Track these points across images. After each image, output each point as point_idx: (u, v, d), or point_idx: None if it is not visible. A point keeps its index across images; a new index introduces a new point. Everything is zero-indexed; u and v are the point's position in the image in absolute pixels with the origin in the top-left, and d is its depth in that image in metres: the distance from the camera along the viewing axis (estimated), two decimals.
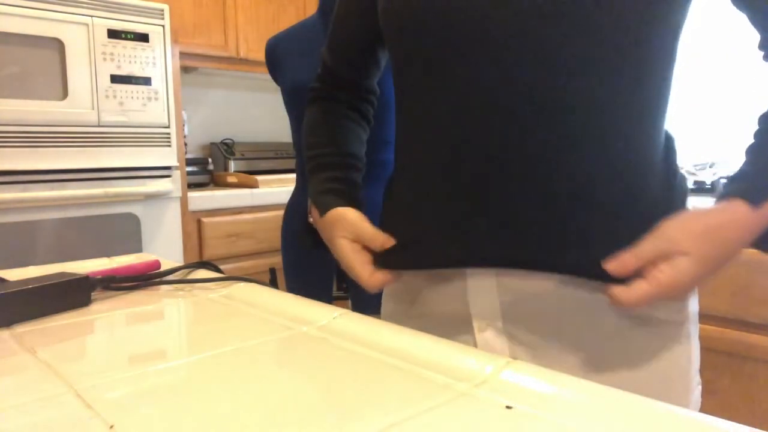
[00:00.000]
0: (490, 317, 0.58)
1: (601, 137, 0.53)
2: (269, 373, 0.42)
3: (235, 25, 2.44)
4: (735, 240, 0.51)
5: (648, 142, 0.56)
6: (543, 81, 0.52)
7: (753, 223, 0.51)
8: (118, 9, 1.79)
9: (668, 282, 0.50)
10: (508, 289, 0.57)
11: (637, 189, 0.55)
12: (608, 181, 0.54)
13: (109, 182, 1.79)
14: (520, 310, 0.57)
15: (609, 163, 0.54)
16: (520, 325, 0.58)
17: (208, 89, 2.76)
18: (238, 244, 2.18)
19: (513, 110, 0.53)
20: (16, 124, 1.62)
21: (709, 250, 0.50)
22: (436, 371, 0.42)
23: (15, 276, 0.67)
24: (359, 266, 0.62)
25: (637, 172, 0.55)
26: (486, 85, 0.54)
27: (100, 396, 0.38)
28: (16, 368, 0.44)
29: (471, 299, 0.59)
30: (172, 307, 0.63)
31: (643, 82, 0.54)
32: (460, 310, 0.60)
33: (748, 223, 0.51)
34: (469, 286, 0.59)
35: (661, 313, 0.56)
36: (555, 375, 0.41)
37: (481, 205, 0.55)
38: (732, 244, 0.51)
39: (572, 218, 0.54)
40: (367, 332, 0.51)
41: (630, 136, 0.55)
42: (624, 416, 0.35)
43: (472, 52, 0.54)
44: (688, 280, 0.50)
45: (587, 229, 0.54)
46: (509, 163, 0.54)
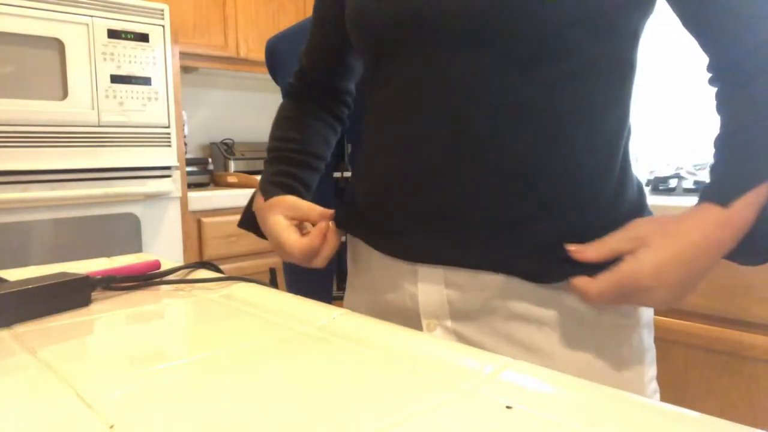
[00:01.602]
0: (439, 316, 0.59)
1: (555, 140, 0.54)
2: (269, 373, 0.42)
3: (235, 25, 2.43)
4: (705, 244, 0.50)
5: (602, 148, 0.56)
6: (498, 80, 0.53)
7: (724, 223, 0.50)
8: (118, 9, 1.79)
9: (628, 270, 0.49)
10: (455, 287, 0.58)
11: (588, 196, 0.55)
12: (558, 184, 0.54)
13: (109, 182, 1.79)
14: (467, 309, 0.58)
15: (560, 167, 0.54)
16: (468, 323, 0.58)
17: (208, 89, 2.76)
18: (238, 244, 2.18)
19: (466, 110, 0.54)
20: (16, 124, 1.62)
21: (675, 249, 0.49)
22: (436, 371, 0.42)
23: (15, 276, 0.67)
24: (286, 235, 0.64)
25: (588, 177, 0.55)
26: (440, 84, 0.55)
27: (100, 396, 0.38)
28: (16, 368, 0.44)
29: (420, 298, 0.59)
30: (172, 307, 0.63)
31: (595, 85, 0.55)
32: (411, 307, 0.60)
33: (718, 224, 0.50)
34: (419, 284, 0.59)
35: (609, 316, 0.56)
36: (555, 375, 0.41)
37: (430, 204, 0.56)
38: (702, 248, 0.50)
39: (521, 221, 0.54)
40: (367, 332, 0.51)
41: (582, 140, 0.55)
42: (624, 416, 0.35)
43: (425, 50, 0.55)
44: (647, 269, 0.49)
45: (536, 232, 0.54)
46: (458, 164, 0.55)
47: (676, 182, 1.64)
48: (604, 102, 0.56)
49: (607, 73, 0.55)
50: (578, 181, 0.55)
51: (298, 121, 0.76)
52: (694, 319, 1.34)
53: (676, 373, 1.37)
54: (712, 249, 0.50)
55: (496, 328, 0.57)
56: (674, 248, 0.50)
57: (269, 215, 0.67)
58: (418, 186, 0.57)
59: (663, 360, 1.39)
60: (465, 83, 0.54)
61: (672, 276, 0.49)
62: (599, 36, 0.53)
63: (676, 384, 1.38)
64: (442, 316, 0.59)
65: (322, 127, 0.77)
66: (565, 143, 0.54)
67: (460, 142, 0.55)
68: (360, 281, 0.70)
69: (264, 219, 0.68)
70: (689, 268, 0.50)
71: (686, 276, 0.50)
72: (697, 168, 1.70)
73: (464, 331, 0.58)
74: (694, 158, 1.84)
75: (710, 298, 1.31)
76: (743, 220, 0.50)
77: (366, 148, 0.65)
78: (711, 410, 1.28)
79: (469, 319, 0.58)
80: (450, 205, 0.56)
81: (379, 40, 0.59)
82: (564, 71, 0.53)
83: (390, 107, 0.60)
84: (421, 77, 0.56)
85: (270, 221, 0.66)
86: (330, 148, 0.78)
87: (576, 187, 0.55)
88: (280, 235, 0.65)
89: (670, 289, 0.49)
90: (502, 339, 0.57)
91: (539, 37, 0.52)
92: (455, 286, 0.58)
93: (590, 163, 0.55)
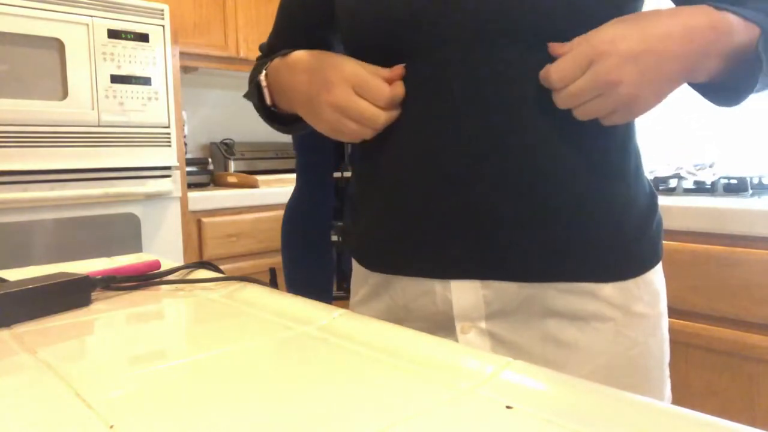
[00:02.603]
0: (474, 319, 0.58)
1: (572, 136, 0.54)
2: (269, 373, 0.42)
3: (235, 25, 2.43)
4: (678, 30, 0.47)
5: (622, 155, 0.58)
6: (519, 77, 0.53)
7: (709, 24, 0.47)
8: (118, 9, 1.79)
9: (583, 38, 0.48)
10: (491, 291, 0.57)
11: (611, 198, 0.56)
12: (580, 194, 0.55)
13: (109, 182, 1.79)
14: (504, 308, 0.58)
15: (583, 176, 0.55)
16: (503, 324, 0.58)
17: (208, 89, 2.76)
18: (238, 244, 2.17)
19: (485, 118, 0.54)
20: (16, 124, 1.62)
21: (642, 23, 0.47)
22: (437, 371, 0.42)
23: (15, 276, 0.67)
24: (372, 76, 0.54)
25: (605, 176, 0.56)
26: (468, 83, 0.54)
27: (100, 396, 0.38)
28: (16, 368, 0.44)
29: (455, 301, 0.58)
30: (172, 307, 0.63)
31: None
32: (442, 310, 0.59)
33: (704, 23, 0.47)
34: (453, 289, 0.58)
35: (637, 307, 0.58)
36: (555, 375, 0.41)
37: (459, 223, 0.56)
38: (675, 33, 0.47)
39: (551, 233, 0.55)
40: (367, 332, 0.51)
41: (597, 138, 0.55)
42: (624, 416, 0.35)
43: (438, 53, 0.54)
44: (604, 35, 0.47)
45: (568, 241, 0.55)
46: (487, 175, 0.54)
47: (676, 182, 1.64)
48: None
49: None
50: (596, 180, 0.56)
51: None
52: (694, 319, 1.34)
53: (676, 373, 1.37)
54: (684, 39, 0.47)
55: (532, 326, 0.57)
56: (642, 22, 0.48)
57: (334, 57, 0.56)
58: (446, 190, 0.56)
59: None
60: (492, 82, 0.53)
61: (632, 44, 0.46)
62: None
63: (676, 384, 1.37)
64: (477, 318, 0.58)
65: None
66: (581, 139, 0.55)
67: (486, 143, 0.54)
68: (372, 290, 0.67)
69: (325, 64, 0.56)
70: (651, 45, 0.46)
71: (648, 54, 0.47)
72: (697, 168, 1.70)
73: (499, 330, 0.58)
74: (694, 158, 1.84)
75: (710, 298, 1.31)
76: (728, 34, 0.48)
77: (377, 161, 0.62)
78: (711, 410, 1.28)
79: (505, 319, 0.58)
80: (482, 207, 0.55)
81: (398, 39, 0.56)
82: None
83: (411, 111, 0.57)
84: (447, 77, 0.54)
85: (341, 60, 0.55)
86: None
87: (595, 186, 0.55)
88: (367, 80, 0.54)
89: (632, 62, 0.46)
90: (536, 336, 0.57)
91: (559, 30, 0.51)
92: (492, 288, 0.57)
93: (605, 161, 0.56)
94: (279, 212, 2.27)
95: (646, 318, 0.58)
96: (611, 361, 0.57)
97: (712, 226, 1.31)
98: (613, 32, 0.47)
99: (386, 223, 0.62)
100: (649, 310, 0.59)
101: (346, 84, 0.54)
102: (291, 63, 0.61)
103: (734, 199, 1.43)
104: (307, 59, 0.58)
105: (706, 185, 1.58)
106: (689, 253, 1.33)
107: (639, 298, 0.58)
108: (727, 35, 0.48)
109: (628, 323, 0.57)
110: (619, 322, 0.57)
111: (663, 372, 0.62)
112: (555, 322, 0.57)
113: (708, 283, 1.31)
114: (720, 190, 1.53)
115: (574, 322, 0.57)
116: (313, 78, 0.56)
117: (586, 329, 0.57)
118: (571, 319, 0.57)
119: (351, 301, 0.72)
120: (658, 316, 0.60)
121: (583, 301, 0.56)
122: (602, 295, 0.56)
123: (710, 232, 1.31)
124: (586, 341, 0.57)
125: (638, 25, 0.48)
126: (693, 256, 1.32)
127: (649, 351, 0.59)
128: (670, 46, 0.47)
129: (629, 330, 0.57)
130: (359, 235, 0.67)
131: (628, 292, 0.57)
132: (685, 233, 1.35)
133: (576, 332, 0.57)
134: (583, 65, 0.48)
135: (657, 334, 0.60)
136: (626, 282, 0.57)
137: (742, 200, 1.40)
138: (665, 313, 0.62)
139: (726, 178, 1.55)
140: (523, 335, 0.58)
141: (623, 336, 0.57)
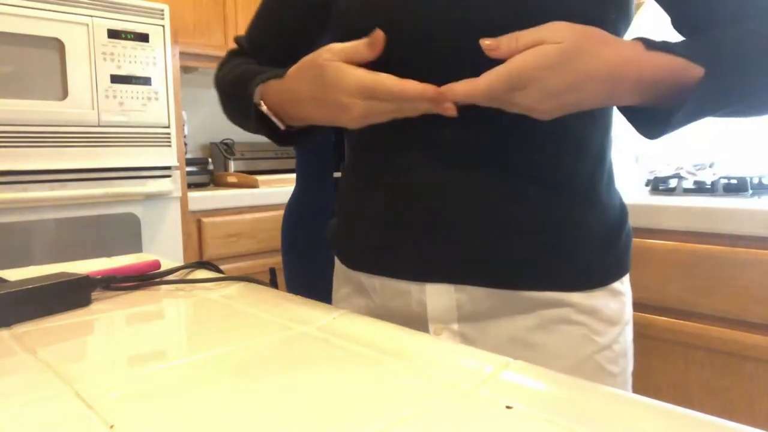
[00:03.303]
0: (447, 321, 0.60)
1: (549, 158, 0.57)
2: (269, 373, 0.42)
3: (235, 25, 2.43)
4: (606, 60, 0.48)
5: (596, 170, 0.60)
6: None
7: (637, 58, 0.49)
8: (118, 9, 1.79)
9: (521, 60, 0.47)
10: (464, 295, 0.59)
11: (581, 212, 0.58)
12: (552, 210, 0.57)
13: (109, 182, 1.79)
14: (476, 312, 0.60)
15: (555, 193, 0.57)
16: (474, 326, 0.60)
17: (208, 89, 2.75)
18: (238, 244, 2.17)
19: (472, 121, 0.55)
20: (16, 124, 1.62)
21: (582, 47, 0.47)
22: (436, 371, 0.42)
23: (15, 276, 0.67)
24: (349, 74, 0.52)
25: (577, 188, 0.58)
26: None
27: (100, 396, 0.38)
28: (16, 368, 0.44)
29: (429, 304, 0.60)
30: (172, 307, 0.63)
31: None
32: (417, 312, 0.61)
33: (631, 58, 0.49)
34: (428, 293, 0.60)
35: (605, 315, 0.60)
36: (555, 375, 0.41)
37: (436, 227, 0.58)
38: (603, 64, 0.48)
39: (522, 245, 0.57)
40: (367, 332, 0.51)
41: (573, 151, 0.58)
42: (624, 416, 0.35)
43: (429, 64, 0.55)
44: (540, 62, 0.46)
45: (538, 253, 0.57)
46: (464, 185, 0.56)
47: (676, 182, 1.64)
48: (590, 115, 0.58)
49: None
50: (569, 196, 0.58)
51: (248, 63, 0.72)
52: (694, 319, 1.34)
53: (676, 373, 1.37)
54: (607, 79, 0.48)
55: (501, 329, 0.59)
56: (578, 54, 0.47)
57: (328, 71, 0.53)
58: (425, 198, 0.58)
59: (663, 360, 1.39)
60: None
61: (561, 80, 0.47)
62: None
63: (676, 384, 1.38)
64: (450, 320, 0.60)
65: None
66: (557, 154, 0.57)
67: (461, 155, 0.56)
68: (353, 288, 0.69)
69: (310, 72, 0.56)
70: (578, 83, 0.48)
71: (572, 94, 0.48)
72: (697, 168, 1.70)
73: (470, 332, 0.60)
74: (694, 158, 1.84)
75: (710, 298, 1.31)
76: (652, 71, 0.49)
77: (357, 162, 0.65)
78: (711, 410, 1.28)
79: (476, 322, 0.60)
80: (458, 216, 0.57)
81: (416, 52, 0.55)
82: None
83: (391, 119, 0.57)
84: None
85: (337, 75, 0.53)
86: None
87: (568, 198, 0.58)
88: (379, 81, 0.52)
89: (554, 98, 0.48)
90: (504, 338, 0.59)
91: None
92: (465, 292, 0.59)
93: (579, 177, 0.58)
94: (279, 212, 2.27)
95: (612, 325, 0.60)
96: (578, 364, 0.58)
97: (712, 226, 1.31)
98: (548, 61, 0.46)
99: (367, 226, 0.64)
100: (615, 318, 0.61)
101: (359, 99, 0.53)
102: (290, 93, 0.59)
103: (734, 199, 1.43)
104: (306, 87, 0.56)
105: (706, 185, 1.58)
106: (689, 253, 1.33)
107: (606, 305, 0.60)
108: (646, 78, 0.49)
109: (595, 328, 0.59)
110: (586, 326, 0.59)
111: (627, 380, 0.63)
112: (524, 325, 0.59)
113: (708, 283, 1.31)
114: (720, 190, 1.53)
115: (543, 326, 0.59)
116: (323, 105, 0.55)
117: (554, 332, 0.58)
118: (540, 322, 0.59)
119: (333, 297, 0.73)
120: (624, 324, 0.62)
121: (552, 307, 0.58)
122: (570, 301, 0.58)
123: (710, 232, 1.31)
124: (553, 343, 0.58)
125: (575, 55, 0.47)
126: (693, 256, 1.32)
127: (615, 356, 0.60)
128: (595, 86, 0.48)
129: (596, 335, 0.59)
130: (342, 233, 0.69)
131: (595, 299, 0.59)
132: (685, 233, 1.35)
133: (544, 335, 0.59)
134: (508, 86, 0.48)
135: (622, 341, 0.62)
136: (594, 291, 0.59)
137: (742, 200, 1.40)
138: (630, 322, 0.64)
139: (726, 178, 1.55)
140: (492, 337, 0.59)
141: (590, 340, 0.59)
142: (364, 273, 0.65)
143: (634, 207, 1.41)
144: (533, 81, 0.47)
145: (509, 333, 0.59)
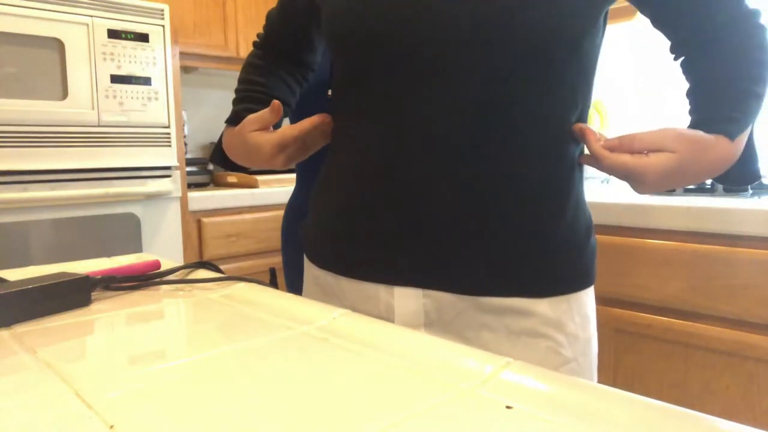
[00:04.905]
0: (414, 325, 0.61)
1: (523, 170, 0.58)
2: (269, 373, 0.42)
3: (235, 25, 2.43)
4: (708, 169, 0.60)
5: (567, 182, 0.61)
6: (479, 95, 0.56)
7: (729, 157, 0.60)
8: (118, 9, 1.79)
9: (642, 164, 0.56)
10: (431, 300, 0.60)
11: (552, 222, 0.60)
12: (522, 221, 0.59)
13: (109, 182, 1.79)
14: (441, 320, 0.60)
15: (527, 203, 0.58)
16: (441, 333, 0.60)
17: (208, 89, 2.76)
18: (238, 244, 2.17)
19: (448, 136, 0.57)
20: (16, 124, 1.62)
21: (692, 157, 0.57)
22: (436, 371, 0.42)
23: (15, 276, 0.67)
24: (263, 141, 0.67)
25: (555, 210, 0.60)
26: (419, 107, 0.57)
27: (100, 396, 0.38)
28: (16, 368, 0.44)
29: (397, 308, 0.61)
30: (172, 307, 0.63)
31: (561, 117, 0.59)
32: (385, 316, 0.62)
33: (727, 157, 0.60)
34: (396, 296, 0.61)
35: (570, 328, 0.61)
36: (555, 375, 0.41)
37: (407, 232, 0.59)
38: (704, 172, 0.60)
39: (489, 252, 0.58)
40: (367, 332, 0.51)
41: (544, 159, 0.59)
42: (624, 416, 0.35)
43: (411, 73, 0.57)
44: (657, 171, 0.56)
45: (504, 260, 0.58)
46: (436, 191, 0.58)
47: None
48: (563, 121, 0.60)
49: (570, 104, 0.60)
50: (539, 207, 0.59)
51: (265, 68, 0.81)
52: (694, 319, 1.34)
53: (676, 373, 1.37)
54: (708, 173, 0.61)
55: (468, 337, 0.60)
56: (691, 163, 0.57)
57: (242, 135, 0.69)
58: (398, 203, 0.59)
59: (663, 360, 1.39)
60: (442, 106, 0.56)
61: (668, 182, 0.58)
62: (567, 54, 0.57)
63: (676, 384, 1.38)
64: (417, 325, 0.61)
65: (285, 75, 0.81)
66: (530, 166, 0.58)
67: (434, 164, 0.58)
68: (321, 290, 0.70)
69: (240, 140, 0.71)
70: (683, 181, 0.60)
71: (675, 184, 0.60)
72: None
73: (434, 335, 0.60)
74: None
75: (710, 298, 1.31)
76: (740, 152, 0.61)
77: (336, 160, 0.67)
78: (711, 410, 1.28)
79: (443, 328, 0.61)
80: (429, 222, 0.58)
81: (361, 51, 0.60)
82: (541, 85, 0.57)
83: (368, 123, 0.61)
84: (398, 97, 0.58)
85: (247, 139, 0.69)
86: (294, 97, 0.83)
87: (537, 205, 0.59)
88: (258, 142, 0.68)
89: (655, 189, 0.60)
90: (473, 343, 0.60)
91: (515, 66, 0.55)
92: (432, 297, 0.60)
93: (551, 188, 0.59)
94: (279, 212, 2.27)
95: (577, 339, 0.61)
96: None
97: (712, 226, 1.31)
98: (667, 169, 0.57)
99: (338, 227, 0.65)
100: (580, 331, 0.61)
101: (277, 152, 0.68)
102: (233, 148, 0.76)
103: (734, 199, 1.43)
104: (240, 150, 0.73)
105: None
106: (689, 253, 1.33)
107: (571, 318, 0.61)
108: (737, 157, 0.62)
109: (560, 341, 0.60)
110: (551, 339, 0.59)
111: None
112: (490, 335, 0.60)
113: (708, 283, 1.31)
114: (720, 190, 1.53)
115: (509, 337, 0.59)
116: (255, 161, 0.72)
117: (519, 344, 0.59)
118: (506, 333, 0.59)
119: (303, 295, 0.73)
120: (588, 338, 0.63)
121: (518, 318, 0.59)
122: (536, 312, 0.59)
123: (710, 232, 1.31)
124: (518, 355, 0.59)
125: (687, 164, 0.57)
126: (693, 256, 1.32)
127: (580, 369, 0.61)
128: (693, 178, 0.60)
129: (561, 348, 0.60)
130: (313, 233, 0.70)
131: (560, 312, 0.60)
132: (685, 233, 1.35)
133: (510, 346, 0.59)
134: (623, 171, 0.58)
135: (587, 354, 0.63)
136: (559, 302, 0.60)
137: (742, 200, 1.40)
138: (595, 336, 0.65)
139: None
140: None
141: (555, 353, 0.60)
142: (332, 274, 0.66)
143: (634, 207, 1.41)
144: (649, 181, 0.57)
145: (475, 343, 0.60)
